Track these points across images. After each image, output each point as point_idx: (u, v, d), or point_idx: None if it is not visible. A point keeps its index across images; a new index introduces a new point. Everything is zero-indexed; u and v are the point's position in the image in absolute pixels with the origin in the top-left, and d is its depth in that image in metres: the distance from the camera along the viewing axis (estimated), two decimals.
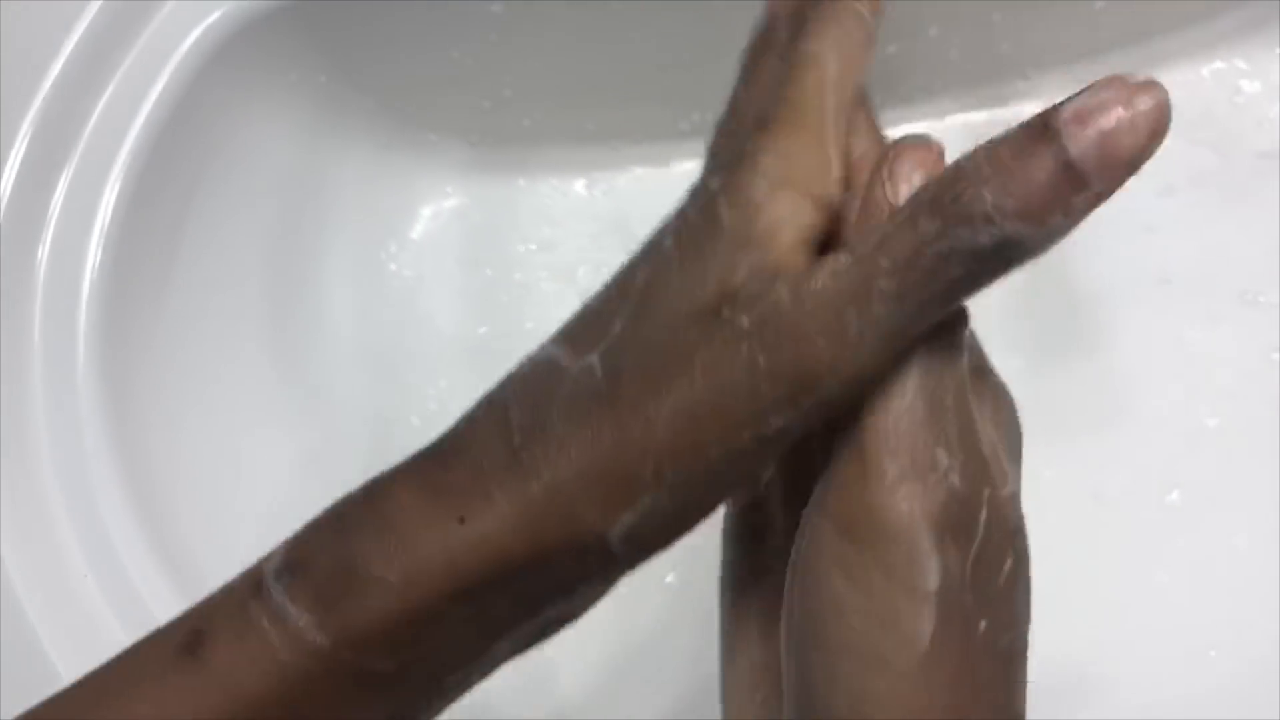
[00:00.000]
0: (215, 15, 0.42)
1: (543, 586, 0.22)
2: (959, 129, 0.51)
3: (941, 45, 0.49)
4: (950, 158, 0.21)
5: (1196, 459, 0.46)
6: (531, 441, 0.21)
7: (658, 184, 0.52)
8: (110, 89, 0.41)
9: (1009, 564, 0.21)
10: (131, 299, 0.41)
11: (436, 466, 0.23)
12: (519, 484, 0.21)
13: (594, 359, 0.22)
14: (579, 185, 0.52)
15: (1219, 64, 0.50)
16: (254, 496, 0.43)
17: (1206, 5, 0.50)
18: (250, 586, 0.23)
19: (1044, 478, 0.46)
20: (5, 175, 0.40)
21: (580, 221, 0.52)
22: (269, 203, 0.47)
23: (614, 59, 0.49)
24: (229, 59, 0.43)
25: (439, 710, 0.24)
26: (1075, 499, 0.45)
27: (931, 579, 0.20)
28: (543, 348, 0.23)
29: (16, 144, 0.40)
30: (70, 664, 0.35)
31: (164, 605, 0.36)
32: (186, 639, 0.23)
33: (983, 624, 0.21)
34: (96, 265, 0.40)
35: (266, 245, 0.47)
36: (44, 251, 0.40)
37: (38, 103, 0.40)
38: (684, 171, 0.52)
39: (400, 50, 0.47)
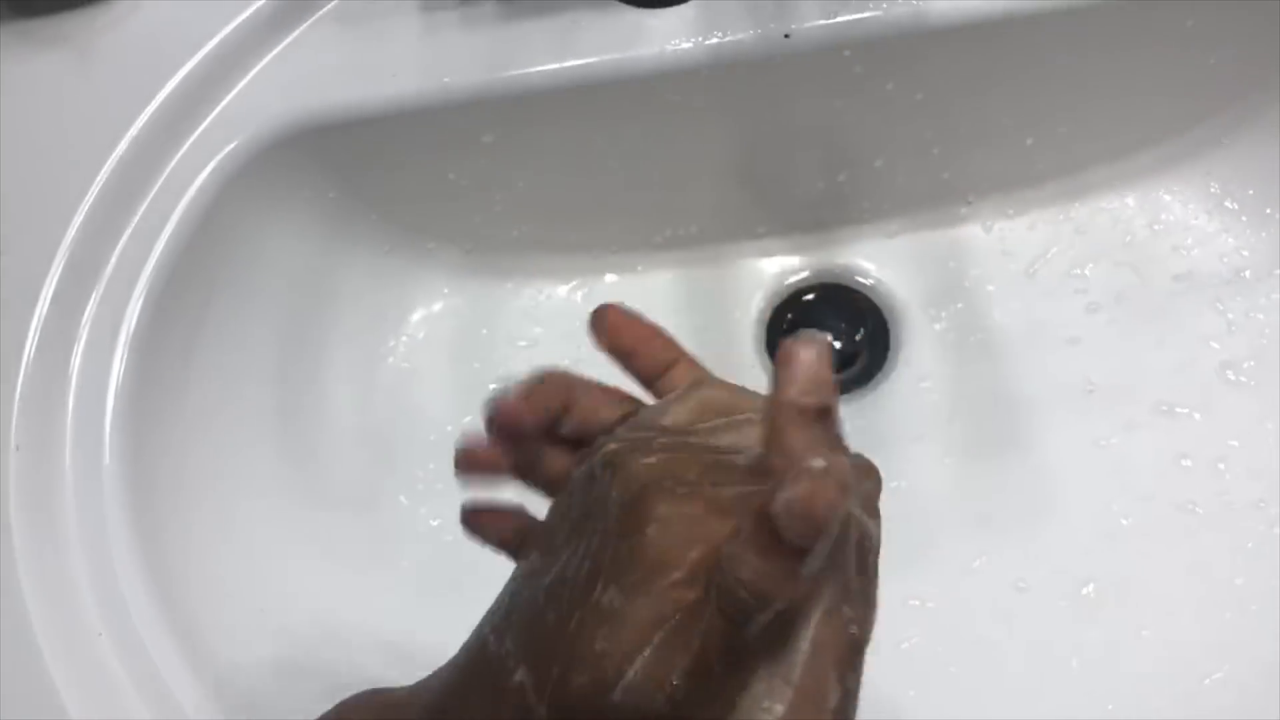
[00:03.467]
0: (234, 144, 0.48)
1: None
2: (908, 246, 0.56)
3: (888, 173, 0.54)
4: (909, 270, 0.24)
5: (1111, 555, 0.50)
6: None
7: (633, 289, 0.57)
8: (140, 210, 0.47)
9: None
10: (153, 398, 0.46)
11: None
12: None
13: None
14: (562, 290, 0.58)
15: (1142, 194, 0.55)
16: (256, 574, 0.48)
17: (1129, 142, 0.55)
18: None
19: (971, 568, 0.50)
20: (44, 289, 0.45)
21: (562, 321, 0.57)
22: (281, 305, 0.52)
23: (593, 180, 0.54)
24: (246, 180, 0.48)
25: None
26: (999, 588, 0.49)
27: None
28: None
29: (56, 260, 0.45)
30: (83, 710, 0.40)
31: (173, 670, 0.41)
32: None
33: None
34: (123, 369, 0.45)
35: (278, 344, 0.52)
36: (76, 357, 0.45)
37: (77, 220, 0.46)
38: (656, 280, 0.57)
39: (402, 170, 0.52)
